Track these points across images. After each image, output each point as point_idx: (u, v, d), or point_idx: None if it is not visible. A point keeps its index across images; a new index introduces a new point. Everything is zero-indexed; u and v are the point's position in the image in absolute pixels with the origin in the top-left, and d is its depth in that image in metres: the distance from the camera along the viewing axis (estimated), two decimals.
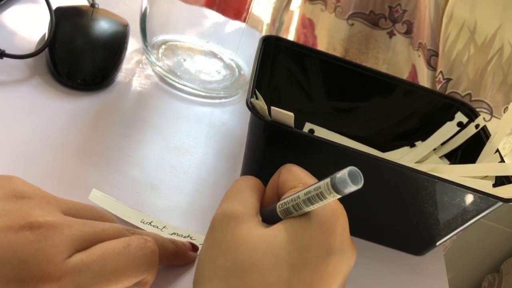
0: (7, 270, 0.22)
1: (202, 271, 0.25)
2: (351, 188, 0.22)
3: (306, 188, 0.24)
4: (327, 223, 0.25)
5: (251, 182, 0.31)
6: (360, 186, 0.22)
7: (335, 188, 0.22)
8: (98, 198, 0.34)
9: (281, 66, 0.44)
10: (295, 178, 0.28)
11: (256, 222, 0.26)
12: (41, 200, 0.25)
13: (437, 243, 0.38)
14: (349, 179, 0.21)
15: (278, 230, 0.25)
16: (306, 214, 0.25)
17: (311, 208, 0.24)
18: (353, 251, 0.26)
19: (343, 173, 0.22)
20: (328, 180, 0.22)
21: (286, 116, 0.31)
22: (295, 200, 0.25)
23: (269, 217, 0.27)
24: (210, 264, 0.25)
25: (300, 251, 0.24)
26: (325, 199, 0.23)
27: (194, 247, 0.33)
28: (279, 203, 0.26)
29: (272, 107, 0.31)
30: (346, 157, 0.33)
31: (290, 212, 0.26)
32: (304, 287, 0.23)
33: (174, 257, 0.31)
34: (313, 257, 0.24)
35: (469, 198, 0.33)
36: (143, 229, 0.32)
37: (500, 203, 0.33)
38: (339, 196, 0.23)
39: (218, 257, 0.25)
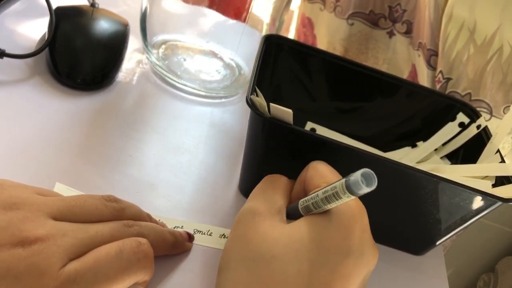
0: (2, 287, 0.22)
1: (227, 259, 0.27)
2: (364, 189, 0.22)
3: (325, 187, 0.25)
4: (346, 224, 0.26)
5: (275, 179, 0.32)
6: (373, 188, 0.22)
7: (349, 189, 0.23)
8: (62, 192, 0.33)
9: (283, 65, 0.44)
10: (320, 177, 0.29)
11: (279, 219, 0.28)
12: (30, 208, 0.25)
13: (437, 243, 0.38)
14: (363, 181, 0.22)
15: (299, 227, 0.26)
16: (327, 212, 0.26)
17: (329, 206, 0.25)
18: (374, 254, 0.27)
19: (356, 175, 0.22)
20: (343, 181, 0.23)
21: (285, 113, 0.31)
22: (314, 198, 0.26)
23: (293, 213, 0.28)
24: (235, 254, 0.27)
25: (320, 249, 0.25)
26: (341, 199, 0.24)
27: (190, 237, 0.34)
28: (301, 200, 0.28)
29: (271, 104, 0.31)
30: (345, 155, 0.33)
31: (310, 210, 0.27)
32: (323, 284, 0.25)
33: (172, 248, 0.32)
34: (332, 257, 0.25)
35: (469, 198, 0.33)
36: None
37: (499, 203, 0.33)
38: (353, 197, 0.23)
39: (243, 248, 0.27)
